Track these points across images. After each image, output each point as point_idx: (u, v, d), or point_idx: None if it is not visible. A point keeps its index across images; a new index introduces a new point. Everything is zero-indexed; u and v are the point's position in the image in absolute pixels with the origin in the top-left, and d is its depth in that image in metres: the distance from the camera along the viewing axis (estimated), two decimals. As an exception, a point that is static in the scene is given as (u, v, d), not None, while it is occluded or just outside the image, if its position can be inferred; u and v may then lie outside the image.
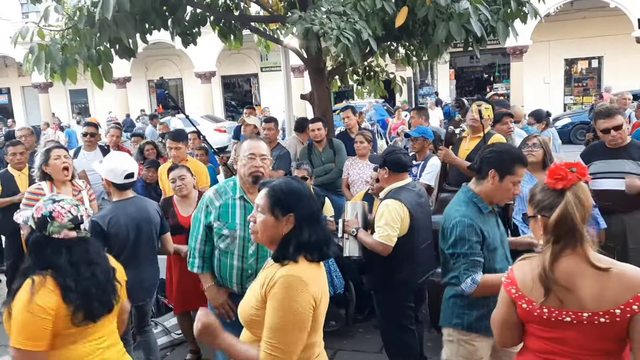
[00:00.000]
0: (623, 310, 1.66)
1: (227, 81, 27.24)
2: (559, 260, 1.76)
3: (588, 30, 20.69)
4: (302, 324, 1.84)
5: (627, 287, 1.68)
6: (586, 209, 1.78)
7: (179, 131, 5.52)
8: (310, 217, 1.94)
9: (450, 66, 24.15)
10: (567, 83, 22.88)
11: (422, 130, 4.93)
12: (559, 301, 1.74)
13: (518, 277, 1.87)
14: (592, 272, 1.73)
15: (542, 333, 1.83)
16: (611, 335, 1.71)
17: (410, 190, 3.40)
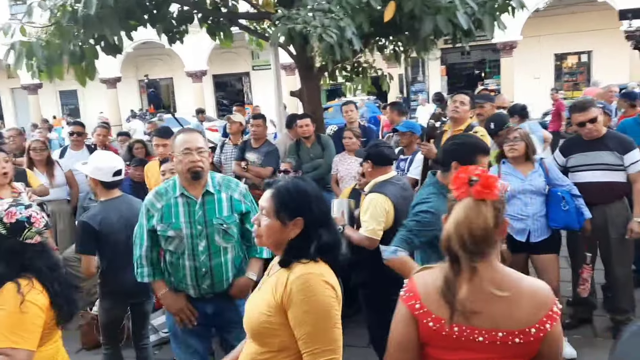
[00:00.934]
0: (537, 330, 1.54)
1: (219, 80, 27.17)
2: (459, 280, 1.55)
3: (577, 25, 20.79)
4: (336, 318, 1.75)
5: (540, 303, 1.56)
6: (472, 232, 1.52)
7: (165, 128, 5.49)
8: (324, 219, 1.85)
9: (442, 62, 24.21)
10: (557, 78, 22.98)
11: (409, 125, 4.94)
12: (466, 320, 1.55)
13: (421, 291, 1.62)
14: (500, 286, 1.55)
15: (446, 356, 1.60)
16: (522, 355, 1.57)
17: (395, 183, 3.41)
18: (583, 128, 3.84)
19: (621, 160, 3.79)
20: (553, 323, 1.55)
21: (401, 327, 1.65)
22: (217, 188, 2.87)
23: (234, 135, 6.05)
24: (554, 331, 1.56)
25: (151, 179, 5.04)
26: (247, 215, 2.90)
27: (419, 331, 1.62)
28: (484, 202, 1.53)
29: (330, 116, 15.25)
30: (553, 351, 1.58)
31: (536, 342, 1.55)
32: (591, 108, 3.80)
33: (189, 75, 23.34)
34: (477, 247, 1.53)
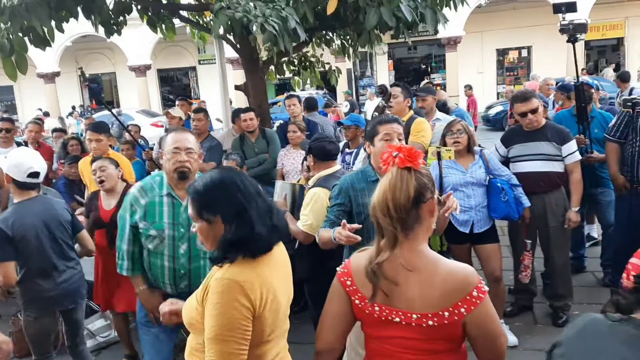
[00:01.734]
0: (451, 313, 1.54)
1: (164, 74, 26.50)
2: (384, 255, 1.59)
3: (518, 21, 21.47)
4: (240, 332, 1.65)
5: (455, 288, 1.55)
6: (395, 197, 1.57)
7: (100, 123, 5.26)
8: (235, 211, 1.72)
9: (389, 57, 24.49)
10: (499, 72, 23.67)
11: (354, 119, 4.92)
12: (387, 299, 1.59)
13: (354, 269, 1.68)
14: (419, 268, 1.58)
15: (375, 333, 1.67)
16: (440, 337, 1.58)
17: (338, 177, 3.35)
18: (524, 118, 3.92)
19: (559, 151, 3.89)
20: (471, 307, 1.54)
21: (335, 301, 1.71)
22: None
23: (174, 130, 5.86)
24: (476, 314, 1.54)
25: (86, 176, 4.82)
26: None
27: (352, 307, 1.68)
28: (407, 170, 1.60)
29: (279, 111, 15.14)
30: (487, 333, 1.58)
31: (453, 326, 1.55)
32: (532, 99, 3.89)
33: (132, 69, 22.63)
34: (398, 214, 1.56)
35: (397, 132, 2.73)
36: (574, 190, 3.92)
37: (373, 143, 2.75)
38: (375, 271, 1.58)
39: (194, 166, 2.67)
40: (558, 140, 3.88)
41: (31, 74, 14.34)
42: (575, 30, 4.26)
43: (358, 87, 23.61)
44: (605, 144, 4.25)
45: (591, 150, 4.45)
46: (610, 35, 22.05)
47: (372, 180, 2.74)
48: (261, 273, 1.71)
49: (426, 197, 1.60)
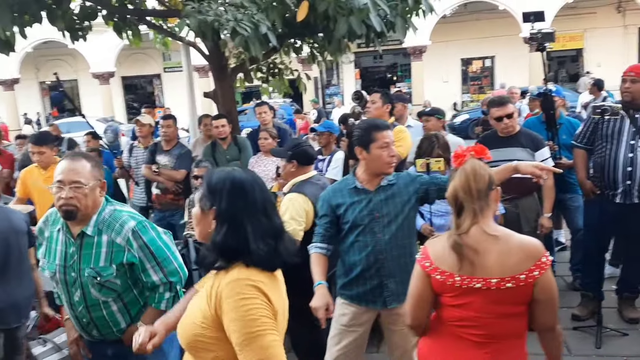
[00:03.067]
0: (527, 276, 1.83)
1: (128, 82, 26.06)
2: (464, 227, 1.90)
3: (481, 32, 21.96)
4: (270, 324, 1.57)
5: (528, 255, 1.85)
6: (476, 184, 1.90)
7: (43, 134, 5.06)
8: (230, 215, 1.63)
9: (356, 66, 24.71)
10: (463, 81, 24.16)
11: (327, 125, 4.91)
12: (471, 268, 1.87)
13: (431, 251, 1.98)
14: (494, 241, 1.88)
15: (453, 301, 1.93)
16: (515, 300, 1.87)
17: (314, 183, 3.34)
18: (500, 123, 3.96)
19: (533, 157, 3.93)
20: (542, 271, 1.84)
21: (417, 283, 2.01)
22: (98, 228, 2.30)
23: (143, 137, 5.73)
24: (544, 279, 1.85)
25: (31, 188, 4.64)
26: (136, 265, 2.33)
27: (432, 284, 1.96)
28: (481, 160, 1.98)
29: (245, 119, 15.03)
30: (548, 296, 1.88)
31: (527, 287, 1.85)
32: (508, 104, 3.94)
33: (95, 76, 22.17)
34: (479, 194, 1.89)
35: (392, 140, 2.72)
36: (547, 196, 3.98)
37: (368, 150, 2.68)
38: (458, 242, 1.88)
39: (84, 203, 2.23)
40: (532, 147, 3.94)
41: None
42: (544, 39, 4.34)
43: (325, 95, 23.71)
44: (572, 150, 4.33)
45: (560, 157, 4.53)
46: (570, 47, 22.76)
47: (351, 188, 2.75)
48: (271, 280, 1.66)
49: (493, 186, 1.95)
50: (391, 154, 2.66)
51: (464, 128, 15.77)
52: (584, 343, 3.85)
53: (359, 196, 2.72)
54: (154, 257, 2.33)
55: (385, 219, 2.70)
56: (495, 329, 1.89)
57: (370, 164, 2.69)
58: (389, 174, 2.73)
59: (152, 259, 2.33)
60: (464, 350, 1.94)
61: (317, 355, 3.41)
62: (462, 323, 1.93)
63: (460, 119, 16.80)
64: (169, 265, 2.37)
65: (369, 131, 2.69)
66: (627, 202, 3.89)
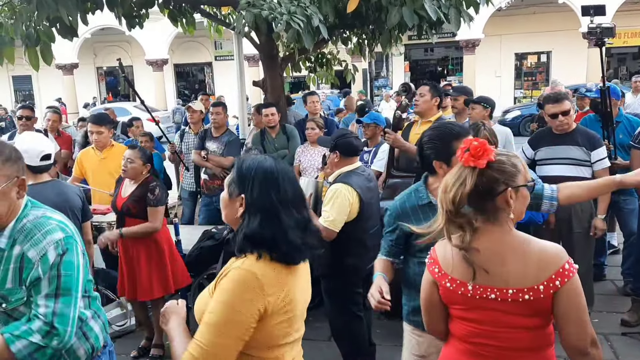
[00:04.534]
0: (546, 287, 1.63)
1: (180, 70, 26.65)
2: (478, 235, 1.70)
3: (537, 25, 21.24)
4: (241, 330, 1.53)
5: (548, 262, 1.65)
6: (450, 195, 1.71)
7: (101, 114, 5.27)
8: (260, 205, 1.60)
9: (405, 58, 24.39)
10: (517, 77, 23.47)
11: (374, 117, 4.89)
12: (485, 277, 1.68)
13: (440, 256, 1.81)
14: (512, 248, 1.69)
15: (465, 314, 1.76)
16: (534, 312, 1.67)
17: (360, 174, 3.34)
18: (555, 120, 3.84)
19: (588, 156, 3.81)
20: (564, 280, 1.63)
21: (425, 289, 1.87)
22: (13, 238, 1.80)
23: (194, 124, 5.87)
24: (568, 288, 1.63)
25: (87, 169, 4.82)
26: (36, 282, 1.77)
27: (440, 292, 1.80)
28: (471, 169, 1.69)
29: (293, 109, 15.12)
30: (572, 310, 1.65)
31: (547, 299, 1.64)
32: (565, 100, 3.81)
33: (149, 63, 22.78)
34: (456, 207, 1.68)
35: None
36: (602, 197, 3.84)
37: (449, 163, 2.28)
38: (467, 255, 1.69)
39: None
40: (588, 146, 3.80)
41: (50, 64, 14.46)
42: (603, 34, 4.17)
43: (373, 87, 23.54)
44: (630, 150, 4.17)
45: (615, 157, 4.37)
46: (631, 43, 21.77)
47: (424, 204, 2.41)
48: (282, 276, 1.62)
49: (497, 190, 1.69)
50: None
51: (516, 124, 15.35)
52: (632, 349, 3.73)
53: (434, 213, 2.32)
54: (58, 285, 1.77)
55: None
56: (515, 343, 1.70)
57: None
58: None
59: (54, 285, 1.76)
60: None
61: (356, 344, 3.45)
62: (479, 340, 1.75)
63: (511, 115, 16.35)
64: (65, 308, 1.77)
65: (449, 142, 2.31)
66: (686, 206, 3.72)
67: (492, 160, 1.68)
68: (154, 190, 3.73)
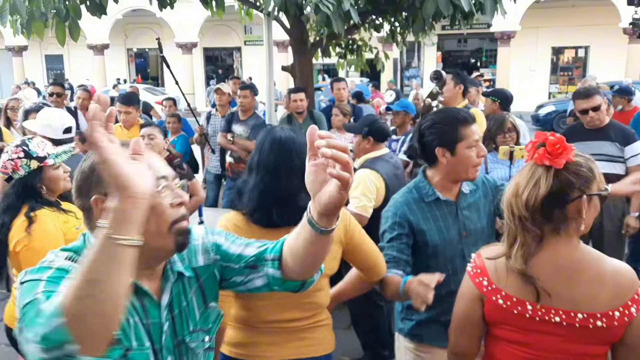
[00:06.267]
0: (622, 314, 1.43)
1: (209, 54, 26.73)
2: (542, 249, 1.50)
3: (576, 19, 20.66)
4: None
5: (624, 285, 1.45)
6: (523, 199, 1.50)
7: (129, 94, 5.30)
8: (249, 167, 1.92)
9: (438, 49, 24.02)
10: (553, 71, 22.93)
11: (404, 105, 4.80)
12: (547, 297, 1.48)
13: (489, 266, 1.57)
14: (582, 266, 1.49)
15: (517, 337, 1.55)
16: (601, 340, 1.48)
17: (387, 161, 3.28)
18: (585, 116, 3.71)
19: (622, 152, 3.67)
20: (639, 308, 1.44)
21: (466, 304, 1.63)
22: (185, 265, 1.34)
23: (222, 106, 5.85)
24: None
25: None
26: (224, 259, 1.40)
27: (485, 309, 1.58)
28: (546, 169, 1.48)
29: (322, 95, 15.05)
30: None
31: (620, 328, 1.45)
32: (595, 96, 3.67)
33: (178, 46, 22.88)
34: (528, 213, 1.47)
35: (480, 136, 2.15)
36: (636, 194, 3.69)
37: (454, 151, 2.06)
38: (524, 271, 1.48)
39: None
40: (621, 141, 3.66)
41: (81, 44, 14.65)
42: None
43: (403, 77, 23.28)
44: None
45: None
46: (673, 39, 21.03)
47: (430, 200, 2.13)
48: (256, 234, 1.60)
49: (571, 197, 1.47)
50: (481, 153, 2.08)
51: (549, 120, 14.98)
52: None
53: (442, 210, 2.13)
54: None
55: (471, 238, 2.14)
56: None
57: (455, 168, 2.08)
58: (474, 179, 2.14)
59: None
60: None
61: (376, 333, 3.39)
62: None
63: (545, 110, 15.92)
64: None
65: (454, 127, 2.06)
66: None
67: (571, 160, 1.48)
68: (181, 166, 3.75)
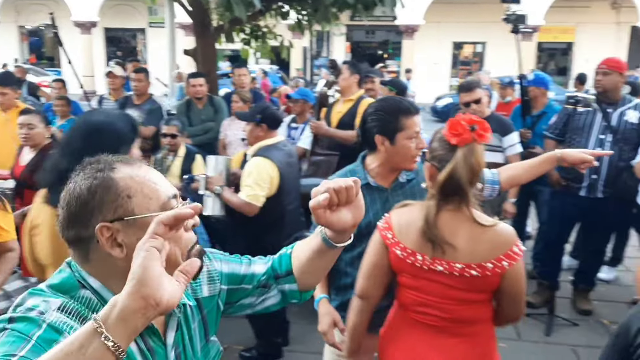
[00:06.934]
0: (495, 265, 1.70)
1: (111, 34, 25.33)
2: (441, 213, 1.75)
3: (475, 16, 21.74)
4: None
5: (500, 243, 1.72)
6: (475, 171, 1.72)
7: (5, 74, 4.95)
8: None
9: (347, 39, 24.37)
10: (453, 65, 24.01)
11: (303, 93, 4.81)
12: (435, 249, 1.73)
13: (394, 223, 1.83)
14: (469, 227, 1.73)
15: (412, 283, 1.80)
16: (479, 288, 1.74)
17: (281, 149, 3.27)
18: (468, 108, 3.93)
19: (501, 142, 3.92)
20: (511, 262, 1.70)
21: (374, 253, 1.87)
22: (188, 294, 1.21)
23: (114, 90, 5.57)
24: (514, 270, 1.71)
25: None
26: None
27: (390, 259, 1.83)
28: (475, 145, 1.73)
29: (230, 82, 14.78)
30: (515, 290, 1.75)
31: (494, 277, 1.71)
32: (476, 89, 3.90)
33: (76, 25, 21.48)
34: (474, 182, 1.74)
35: (421, 128, 2.18)
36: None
37: (393, 140, 2.08)
38: (432, 227, 1.72)
39: None
40: (500, 131, 3.92)
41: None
42: (517, 21, 4.35)
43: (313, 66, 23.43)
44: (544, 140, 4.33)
45: (533, 146, 4.52)
46: (561, 39, 22.75)
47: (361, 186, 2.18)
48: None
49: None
50: (420, 145, 2.11)
51: (446, 111, 15.72)
52: (534, 330, 3.91)
53: (372, 195, 2.15)
54: None
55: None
56: (457, 314, 1.77)
57: (393, 157, 2.11)
58: (412, 169, 2.18)
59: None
60: (426, 337, 1.81)
61: (269, 322, 3.40)
62: (423, 309, 1.80)
63: (443, 102, 16.73)
64: None
65: (396, 116, 2.08)
66: (592, 196, 3.91)
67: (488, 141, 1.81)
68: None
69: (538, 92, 4.83)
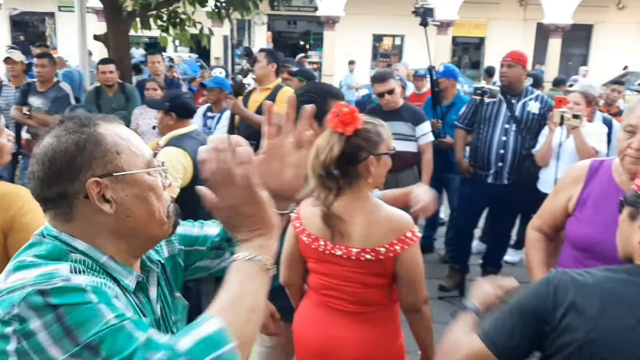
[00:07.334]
0: (387, 250, 1.79)
1: (17, 18, 23.64)
2: (340, 198, 1.83)
3: (394, 9, 22.16)
4: None
5: (393, 228, 1.81)
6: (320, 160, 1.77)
7: None
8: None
9: (269, 29, 24.16)
10: (374, 57, 24.45)
11: (218, 81, 4.71)
12: (336, 235, 1.82)
13: (303, 213, 1.95)
14: (366, 212, 1.83)
15: (318, 267, 1.92)
16: (376, 272, 1.83)
17: (195, 138, 3.20)
18: (382, 98, 4.02)
19: (414, 131, 4.04)
20: (404, 246, 1.80)
21: (289, 242, 1.99)
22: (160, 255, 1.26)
23: (14, 77, 5.22)
24: (407, 255, 1.81)
25: None
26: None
27: (299, 247, 1.95)
28: (339, 134, 1.76)
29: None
30: (411, 275, 1.84)
31: (387, 261, 1.81)
32: (390, 80, 4.01)
33: (-24, 6, 19.91)
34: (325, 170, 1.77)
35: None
36: (425, 169, 4.12)
37: (321, 123, 2.00)
38: (327, 214, 1.81)
39: None
40: (413, 121, 4.05)
41: None
42: (425, 14, 4.50)
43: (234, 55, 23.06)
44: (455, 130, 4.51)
45: (444, 135, 4.69)
46: (474, 34, 23.74)
47: None
48: None
49: (360, 157, 1.79)
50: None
51: (363, 102, 16.00)
52: (446, 312, 4.07)
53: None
54: None
55: None
56: (359, 298, 1.87)
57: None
58: None
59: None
60: (331, 319, 1.92)
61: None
62: (328, 292, 1.91)
63: (361, 93, 17.00)
64: None
65: (325, 98, 2.09)
66: (498, 182, 4.12)
67: (359, 128, 1.77)
68: None
69: (448, 83, 5.01)
